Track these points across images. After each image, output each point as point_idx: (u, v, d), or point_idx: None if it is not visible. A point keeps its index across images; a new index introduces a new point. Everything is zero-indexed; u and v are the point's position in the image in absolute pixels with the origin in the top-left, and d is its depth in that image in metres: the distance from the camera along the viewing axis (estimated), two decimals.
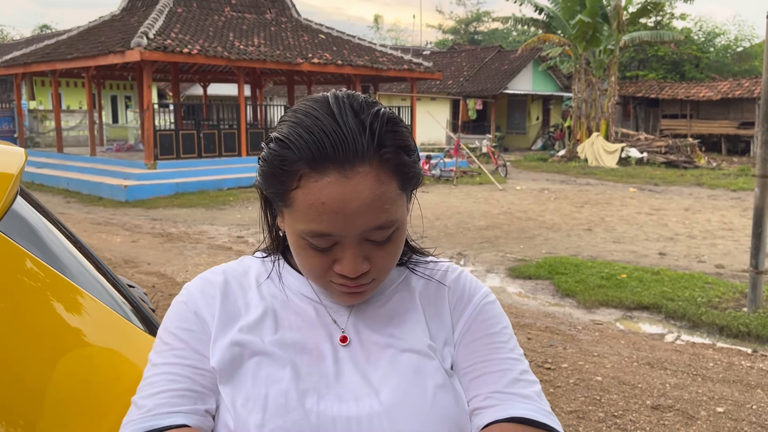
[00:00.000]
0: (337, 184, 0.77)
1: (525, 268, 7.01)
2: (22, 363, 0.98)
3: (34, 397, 0.98)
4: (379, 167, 0.79)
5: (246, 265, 0.95)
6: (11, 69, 17.48)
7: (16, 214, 1.11)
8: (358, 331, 0.89)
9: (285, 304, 0.90)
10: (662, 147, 20.69)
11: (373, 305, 0.91)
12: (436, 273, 0.96)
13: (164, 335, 0.88)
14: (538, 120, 30.53)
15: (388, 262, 0.85)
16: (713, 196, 13.44)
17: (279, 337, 0.86)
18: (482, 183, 15.56)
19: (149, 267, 7.00)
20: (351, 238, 0.80)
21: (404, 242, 0.89)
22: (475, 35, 54.91)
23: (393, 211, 0.81)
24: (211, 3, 16.77)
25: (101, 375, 1.09)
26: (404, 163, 0.81)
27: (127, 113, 26.27)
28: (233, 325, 0.87)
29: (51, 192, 14.11)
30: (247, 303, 0.90)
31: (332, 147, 0.76)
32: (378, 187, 0.78)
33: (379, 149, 0.79)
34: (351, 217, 0.78)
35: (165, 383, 0.83)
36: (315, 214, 0.78)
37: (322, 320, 0.89)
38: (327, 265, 0.83)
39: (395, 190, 0.81)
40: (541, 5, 22.45)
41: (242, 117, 15.83)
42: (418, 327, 0.90)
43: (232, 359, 0.84)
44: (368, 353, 0.87)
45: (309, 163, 0.77)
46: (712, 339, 5.04)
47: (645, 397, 3.85)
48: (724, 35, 32.19)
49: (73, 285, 1.12)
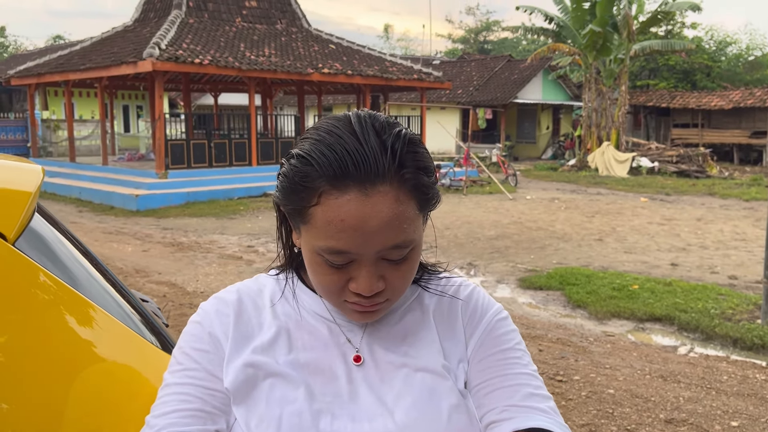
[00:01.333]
0: (357, 202, 0.77)
1: (535, 278, 6.97)
2: (35, 378, 0.98)
3: (47, 413, 0.98)
4: (399, 187, 0.79)
5: (261, 284, 0.95)
6: (25, 79, 17.67)
7: (32, 231, 1.12)
8: (372, 351, 0.89)
9: (298, 323, 0.90)
10: (673, 156, 20.59)
11: (386, 324, 0.91)
12: (449, 289, 0.96)
13: (178, 355, 0.89)
14: (548, 129, 30.48)
15: (403, 283, 0.85)
16: (726, 206, 13.35)
17: (292, 358, 0.87)
18: (492, 192, 15.53)
19: (160, 276, 7.02)
20: (368, 257, 0.80)
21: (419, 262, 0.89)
22: (485, 45, 55.00)
23: (411, 231, 0.81)
24: (223, 14, 16.90)
25: (114, 391, 1.09)
26: (424, 184, 0.82)
27: (139, 123, 26.47)
28: (247, 345, 0.87)
29: (63, 201, 14.21)
30: (261, 323, 0.90)
31: (354, 165, 0.77)
32: (397, 206, 0.79)
33: (400, 170, 0.79)
34: (369, 236, 0.78)
35: (176, 403, 0.84)
36: (334, 231, 0.78)
37: (335, 339, 0.89)
38: (342, 283, 0.83)
39: (413, 211, 0.81)
40: (551, 15, 22.47)
41: (253, 127, 15.91)
42: (433, 346, 0.90)
43: (246, 380, 0.85)
44: (382, 373, 0.87)
45: (330, 180, 0.78)
46: (726, 351, 4.98)
47: (658, 410, 3.81)
48: (735, 44, 32.09)
49: (86, 300, 1.13)
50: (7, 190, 1.11)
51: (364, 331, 0.90)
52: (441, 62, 33.83)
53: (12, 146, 21.82)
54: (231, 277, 7.09)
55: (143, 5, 17.46)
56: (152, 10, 17.14)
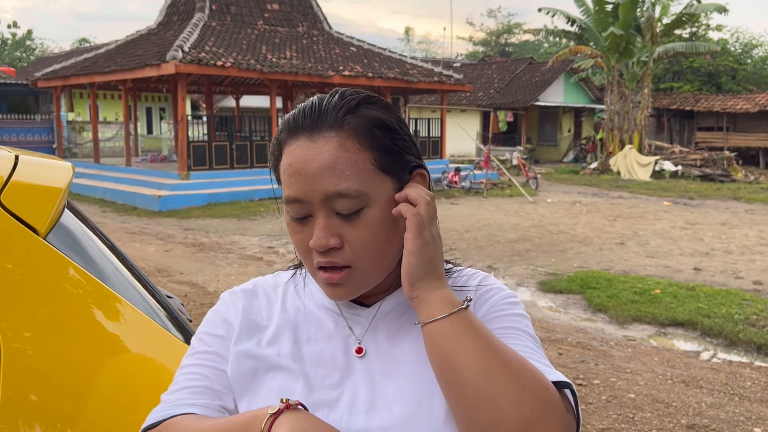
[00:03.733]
0: (303, 147, 0.81)
1: (556, 282, 6.93)
2: (64, 369, 1.01)
3: (75, 401, 1.01)
4: (346, 135, 0.81)
5: (278, 279, 0.98)
6: (51, 81, 17.98)
7: (62, 226, 1.15)
8: (376, 343, 0.88)
9: (306, 316, 0.92)
10: (697, 160, 20.32)
11: (392, 316, 0.90)
12: (459, 279, 0.94)
13: (194, 340, 0.93)
14: (570, 132, 30.25)
15: (363, 245, 0.82)
16: (751, 211, 13.14)
17: (295, 350, 0.88)
18: (512, 195, 15.45)
19: (182, 276, 7.10)
20: (318, 206, 0.81)
21: (387, 232, 0.83)
22: (506, 47, 54.77)
23: (358, 181, 0.80)
24: (245, 17, 17.05)
25: (139, 382, 1.11)
26: (376, 136, 0.82)
27: (162, 125, 26.77)
28: (253, 335, 0.90)
29: (87, 201, 14.43)
30: (270, 315, 0.92)
31: (304, 116, 0.83)
32: (340, 152, 0.80)
33: (345, 117, 0.82)
34: (312, 179, 0.80)
35: (186, 381, 0.88)
36: (286, 178, 0.83)
37: (340, 332, 0.89)
38: (306, 242, 0.83)
39: (365, 164, 0.81)
40: (573, 17, 22.32)
41: (274, 129, 16.01)
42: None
43: (246, 372, 0.87)
44: (385, 366, 0.87)
45: (287, 131, 0.84)
46: (750, 358, 4.91)
47: (680, 416, 3.77)
48: (761, 46, 31.59)
49: (114, 294, 1.16)
50: (39, 186, 1.14)
51: (369, 323, 0.90)
52: (462, 65, 33.76)
53: (38, 147, 22.19)
54: (251, 277, 7.09)
55: (167, 9, 17.68)
56: (176, 14, 17.34)
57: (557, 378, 0.80)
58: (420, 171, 0.87)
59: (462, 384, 0.76)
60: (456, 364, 0.76)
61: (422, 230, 0.80)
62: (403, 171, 0.85)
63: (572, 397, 0.80)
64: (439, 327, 0.78)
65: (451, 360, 0.77)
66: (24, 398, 0.96)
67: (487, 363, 0.75)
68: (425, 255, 0.81)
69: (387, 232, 0.84)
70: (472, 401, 0.75)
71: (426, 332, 0.80)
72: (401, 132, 0.86)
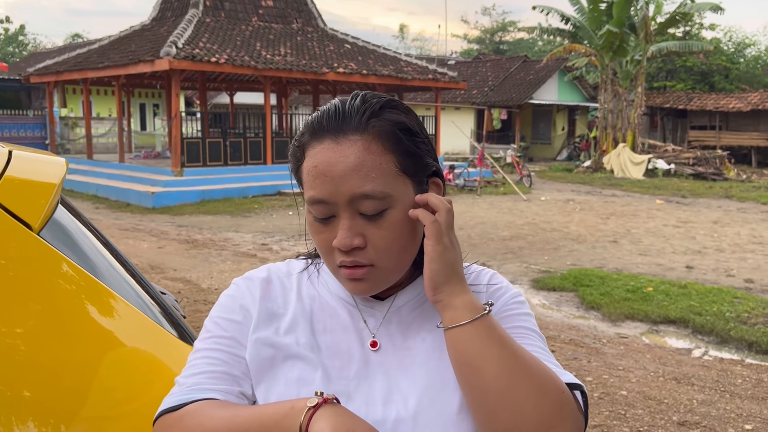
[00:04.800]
0: (328, 149, 0.83)
1: (549, 279, 6.96)
2: (58, 365, 1.01)
3: (69, 397, 1.01)
4: (370, 138, 0.83)
5: (291, 267, 0.99)
6: (44, 77, 17.88)
7: (56, 222, 1.15)
8: (390, 336, 0.90)
9: (321, 306, 0.93)
10: (690, 158, 20.41)
11: (405, 310, 0.92)
12: (468, 277, 0.96)
13: (209, 324, 0.93)
14: (564, 130, 30.32)
15: (386, 245, 0.84)
16: (743, 209, 13.22)
17: (312, 340, 0.89)
18: (506, 193, 15.49)
19: (175, 273, 7.09)
20: (343, 207, 0.83)
21: (409, 233, 0.86)
22: (501, 45, 54.80)
23: (382, 183, 0.82)
24: (239, 13, 17.00)
25: (134, 378, 1.11)
26: (399, 139, 0.85)
27: (155, 121, 26.68)
28: (270, 324, 0.91)
29: (80, 198, 14.37)
30: (287, 302, 0.93)
31: (328, 119, 0.84)
32: (365, 154, 0.82)
33: (369, 121, 0.84)
34: (338, 180, 0.82)
35: (205, 366, 0.88)
36: (311, 179, 0.84)
37: (355, 324, 0.91)
38: (329, 242, 0.85)
39: (389, 166, 0.83)
40: (567, 15, 22.35)
41: (268, 125, 15.99)
42: None
43: (266, 359, 0.88)
44: (399, 359, 0.88)
45: (310, 134, 0.85)
46: (741, 355, 4.95)
47: (671, 412, 3.80)
48: (754, 46, 31.73)
49: (108, 290, 1.15)
50: (32, 182, 1.14)
51: (384, 316, 0.91)
52: (456, 62, 33.77)
53: (30, 143, 22.06)
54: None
55: (161, 4, 17.60)
56: (170, 9, 17.27)
57: (569, 380, 0.84)
58: (435, 180, 0.91)
59: (484, 388, 0.78)
60: (479, 368, 0.79)
61: (441, 236, 0.83)
62: (422, 174, 0.88)
63: (582, 397, 0.84)
64: (463, 332, 0.81)
65: (474, 364, 0.79)
66: (17, 394, 0.96)
67: (509, 368, 0.78)
68: (446, 260, 0.83)
69: (409, 232, 0.86)
70: (494, 405, 0.78)
71: (449, 336, 0.82)
72: (422, 136, 0.88)
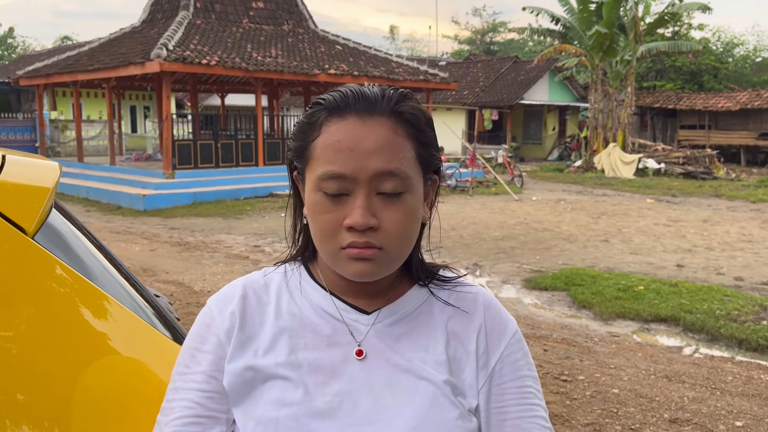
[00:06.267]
0: (355, 126, 0.82)
1: (541, 279, 6.99)
2: (52, 368, 1.02)
3: (63, 400, 1.01)
4: (396, 122, 0.84)
5: (268, 278, 0.95)
6: (34, 80, 17.78)
7: (50, 225, 1.16)
8: (376, 349, 0.87)
9: (302, 322, 0.89)
10: (680, 158, 20.53)
11: (393, 324, 0.89)
12: (464, 298, 0.94)
13: (185, 355, 0.92)
14: (555, 130, 30.43)
15: (397, 229, 0.83)
16: (732, 208, 13.31)
17: (293, 358, 0.86)
18: (498, 193, 15.53)
19: (167, 276, 7.07)
20: (362, 184, 0.81)
21: (418, 229, 0.89)
22: (491, 45, 54.93)
23: (407, 165, 0.83)
24: (230, 15, 16.96)
25: (127, 381, 1.12)
26: (421, 128, 0.87)
27: (146, 123, 26.58)
28: (249, 346, 0.88)
29: (71, 201, 14.30)
30: (263, 321, 0.90)
31: (354, 99, 0.84)
32: (394, 135, 0.83)
33: (396, 107, 0.85)
34: (365, 155, 0.81)
35: (180, 410, 0.88)
36: (331, 153, 0.81)
37: (339, 338, 0.87)
38: (338, 222, 0.82)
39: (410, 151, 0.85)
40: (557, 16, 22.45)
41: (259, 127, 15.97)
42: (440, 357, 0.88)
43: (244, 383, 0.86)
44: (385, 375, 0.86)
45: (331, 111, 0.84)
46: (731, 352, 4.99)
47: (662, 410, 3.83)
48: (742, 45, 31.96)
49: (102, 292, 1.16)
50: (26, 186, 1.14)
51: (369, 327, 0.88)
52: (447, 63, 33.83)
53: (20, 146, 21.94)
54: (238, 276, 7.09)
55: (151, 6, 17.55)
56: (160, 11, 17.22)
57: None
58: (435, 177, 0.92)
59: None
60: None
61: None
62: (430, 167, 0.89)
63: None
64: None
65: None
66: (11, 397, 0.96)
67: None
68: None
69: (416, 222, 0.87)
70: None
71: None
72: (433, 130, 0.90)
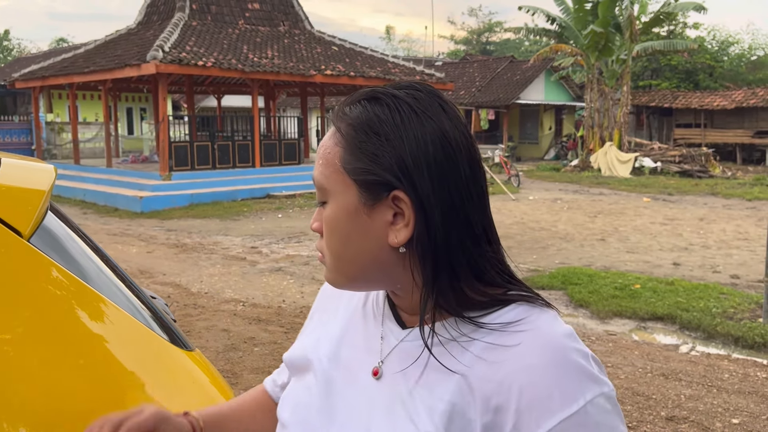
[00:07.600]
0: (327, 134, 0.82)
1: (538, 278, 7.00)
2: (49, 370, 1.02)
3: (60, 402, 1.01)
4: (336, 128, 0.80)
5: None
6: (29, 82, 17.75)
7: (45, 228, 1.16)
8: (393, 368, 0.81)
9: (360, 319, 0.89)
10: (676, 156, 20.58)
11: (415, 347, 0.79)
12: (502, 344, 0.74)
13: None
14: (551, 130, 30.47)
15: (325, 237, 0.80)
16: (728, 206, 13.35)
17: (336, 352, 0.87)
18: (495, 193, 15.54)
19: (164, 277, 7.07)
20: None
21: (342, 237, 0.78)
22: (487, 45, 54.99)
23: (323, 172, 0.79)
24: (226, 16, 16.96)
25: (125, 382, 1.12)
26: (349, 134, 0.77)
27: (143, 125, 26.54)
28: (321, 328, 0.94)
29: (68, 203, 14.28)
30: (336, 307, 0.95)
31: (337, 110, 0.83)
32: (328, 142, 0.80)
33: (340, 111, 0.80)
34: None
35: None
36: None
37: (375, 346, 0.84)
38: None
39: (335, 159, 0.78)
40: (553, 15, 22.48)
41: (256, 128, 15.96)
42: (441, 406, 0.75)
43: (300, 362, 0.93)
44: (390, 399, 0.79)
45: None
46: (728, 350, 5.01)
47: (659, 408, 3.84)
48: (737, 44, 32.04)
49: (98, 294, 1.16)
50: (22, 189, 1.15)
51: (397, 344, 0.82)
52: (443, 63, 33.85)
53: (16, 149, 21.89)
54: (235, 278, 7.13)
55: (147, 8, 17.54)
56: (156, 13, 17.20)
57: None
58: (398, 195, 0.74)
59: None
60: None
61: None
62: (373, 185, 0.75)
63: None
64: None
65: None
66: (7, 400, 0.97)
67: None
68: None
69: (338, 234, 0.78)
70: None
71: None
72: (391, 139, 0.74)
